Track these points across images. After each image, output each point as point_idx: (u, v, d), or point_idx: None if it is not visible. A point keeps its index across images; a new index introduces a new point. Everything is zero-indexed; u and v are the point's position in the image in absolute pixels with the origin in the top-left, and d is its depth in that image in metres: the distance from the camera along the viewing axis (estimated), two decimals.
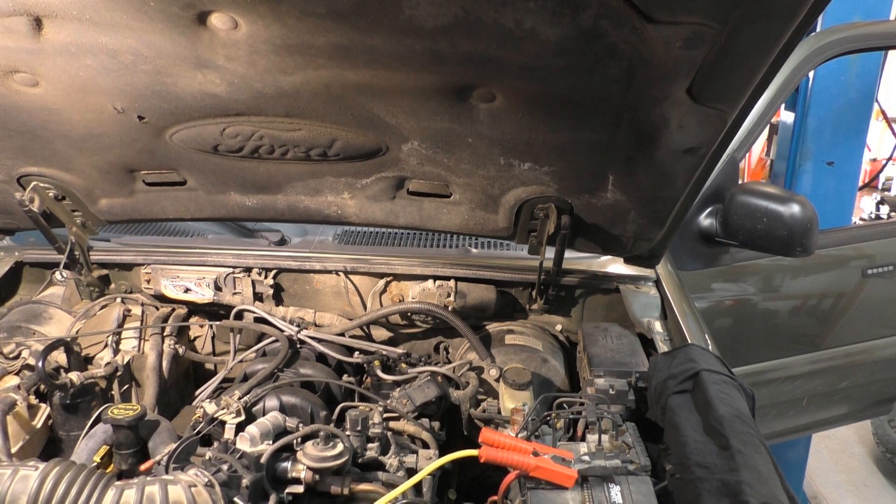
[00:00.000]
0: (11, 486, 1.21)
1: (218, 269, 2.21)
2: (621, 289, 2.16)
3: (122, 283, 2.28)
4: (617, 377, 1.79)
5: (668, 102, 1.31)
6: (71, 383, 1.75)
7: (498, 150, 1.59)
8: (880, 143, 6.92)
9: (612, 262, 2.20)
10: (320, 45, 1.23)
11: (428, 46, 1.20)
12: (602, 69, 1.23)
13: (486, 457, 1.36)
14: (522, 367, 1.89)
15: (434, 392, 1.76)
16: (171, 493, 1.25)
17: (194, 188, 1.90)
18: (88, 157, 1.75)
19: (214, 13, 1.16)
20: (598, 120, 1.42)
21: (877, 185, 6.54)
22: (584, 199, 1.76)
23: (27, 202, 1.87)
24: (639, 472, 1.44)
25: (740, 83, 1.24)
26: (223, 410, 1.62)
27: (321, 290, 2.26)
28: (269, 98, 1.43)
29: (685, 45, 1.13)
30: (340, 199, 1.90)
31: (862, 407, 3.39)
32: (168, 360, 2.07)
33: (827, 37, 2.60)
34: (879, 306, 3.10)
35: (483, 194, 1.81)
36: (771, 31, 1.11)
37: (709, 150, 1.46)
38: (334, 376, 1.95)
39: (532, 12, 1.09)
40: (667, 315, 2.09)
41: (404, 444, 1.68)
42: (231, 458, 1.39)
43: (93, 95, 1.46)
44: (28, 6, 1.19)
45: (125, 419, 1.49)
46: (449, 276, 2.16)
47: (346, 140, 1.60)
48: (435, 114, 1.46)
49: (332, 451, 1.47)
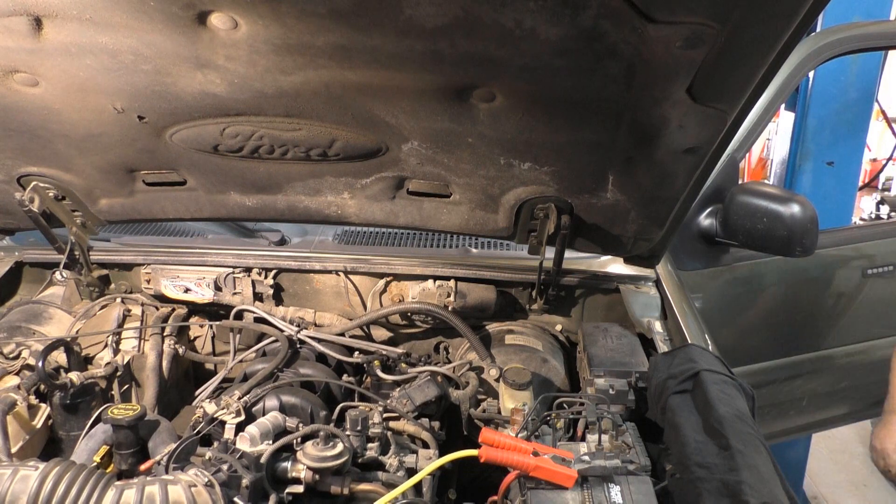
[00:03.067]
0: (11, 486, 1.21)
1: (218, 269, 2.21)
2: (621, 289, 2.16)
3: (122, 283, 2.28)
4: (617, 377, 1.79)
5: (668, 102, 1.31)
6: (71, 383, 1.75)
7: (498, 150, 1.59)
8: (880, 143, 6.92)
9: (612, 262, 2.20)
10: (320, 45, 1.23)
11: (428, 46, 1.20)
12: (602, 69, 1.23)
13: (486, 457, 1.36)
14: (522, 367, 1.89)
15: (434, 392, 1.76)
16: (171, 493, 1.25)
17: (194, 188, 1.90)
18: (88, 157, 1.75)
19: (214, 13, 1.16)
20: (598, 120, 1.42)
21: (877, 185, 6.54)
22: (583, 199, 1.76)
23: (27, 202, 1.87)
24: (639, 472, 1.44)
25: (740, 83, 1.24)
26: (223, 410, 1.63)
27: (321, 290, 2.26)
28: (269, 98, 1.43)
29: (685, 45, 1.13)
30: (340, 199, 1.90)
31: (862, 407, 3.39)
32: (168, 360, 2.07)
33: (827, 37, 2.60)
34: (879, 306, 3.10)
35: (483, 194, 1.81)
36: (771, 31, 1.11)
37: (709, 150, 1.46)
38: (334, 376, 1.95)
39: (532, 12, 1.09)
40: (667, 315, 2.09)
41: (404, 444, 1.68)
42: (231, 458, 1.38)
43: (93, 95, 1.46)
44: (28, 6, 1.19)
45: (125, 419, 1.49)
46: (449, 276, 2.16)
47: (346, 140, 1.60)
48: (435, 114, 1.46)
49: (332, 451, 1.47)
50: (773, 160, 3.94)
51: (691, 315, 2.08)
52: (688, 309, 2.11)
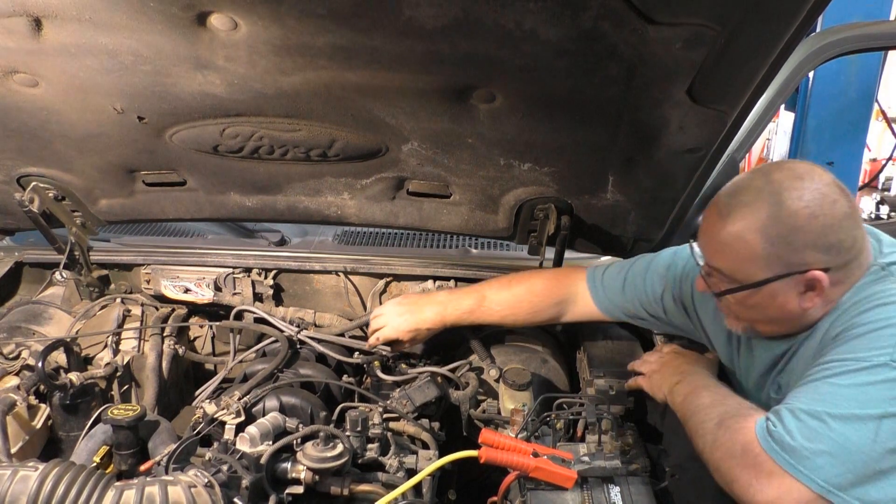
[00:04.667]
0: (11, 487, 1.20)
1: (218, 269, 2.21)
2: None
3: (122, 283, 2.28)
4: (617, 378, 1.79)
5: (669, 103, 1.31)
6: (71, 384, 1.75)
7: (498, 151, 1.59)
8: (880, 143, 6.90)
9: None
10: (320, 45, 1.23)
11: (428, 47, 1.20)
12: (602, 70, 1.23)
13: (486, 457, 1.36)
14: (522, 368, 1.89)
15: (434, 392, 1.76)
16: (171, 493, 1.25)
17: (194, 188, 1.90)
18: (88, 157, 1.75)
19: (214, 14, 1.16)
20: (598, 121, 1.42)
21: (877, 185, 6.53)
22: (583, 200, 1.76)
23: (27, 202, 1.87)
24: (639, 472, 1.45)
25: (740, 84, 1.24)
26: (223, 411, 1.62)
27: (321, 291, 2.26)
28: (268, 98, 1.43)
29: (685, 46, 1.13)
30: (340, 200, 1.90)
31: None
32: (168, 361, 2.06)
33: (827, 37, 2.59)
34: None
35: (483, 195, 1.81)
36: (771, 32, 1.11)
37: (709, 150, 1.46)
38: (334, 377, 1.95)
39: (532, 13, 1.09)
40: None
41: (404, 444, 1.68)
42: (231, 458, 1.38)
43: (93, 96, 1.46)
44: (28, 6, 1.19)
45: (125, 419, 1.49)
46: (449, 276, 2.16)
47: (346, 140, 1.60)
48: (435, 114, 1.46)
49: (331, 451, 1.47)
50: (773, 160, 3.94)
51: None
52: None
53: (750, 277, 1.29)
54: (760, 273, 1.27)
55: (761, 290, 1.29)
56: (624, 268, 1.75)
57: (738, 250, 1.28)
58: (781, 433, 1.16)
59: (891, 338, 1.17)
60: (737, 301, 1.35)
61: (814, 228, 1.23)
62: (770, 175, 1.29)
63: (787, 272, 1.25)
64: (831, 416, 1.14)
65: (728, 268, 1.32)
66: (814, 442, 1.13)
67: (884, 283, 1.26)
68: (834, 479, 1.12)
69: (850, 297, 1.28)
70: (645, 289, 1.69)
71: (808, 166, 1.30)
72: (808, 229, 1.23)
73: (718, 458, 1.24)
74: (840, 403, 1.14)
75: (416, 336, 1.86)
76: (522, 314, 1.83)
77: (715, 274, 1.36)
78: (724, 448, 1.23)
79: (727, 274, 1.33)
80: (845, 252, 1.25)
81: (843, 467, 1.11)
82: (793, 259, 1.25)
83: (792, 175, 1.27)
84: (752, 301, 1.32)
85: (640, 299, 1.71)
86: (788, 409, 1.19)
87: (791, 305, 1.29)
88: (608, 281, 1.76)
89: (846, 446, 1.12)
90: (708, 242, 1.36)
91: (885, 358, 1.15)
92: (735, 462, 1.20)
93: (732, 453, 1.21)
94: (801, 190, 1.24)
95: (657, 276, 1.68)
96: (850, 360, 1.18)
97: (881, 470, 1.12)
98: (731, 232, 1.28)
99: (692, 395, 1.40)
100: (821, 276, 1.24)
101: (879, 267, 1.29)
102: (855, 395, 1.14)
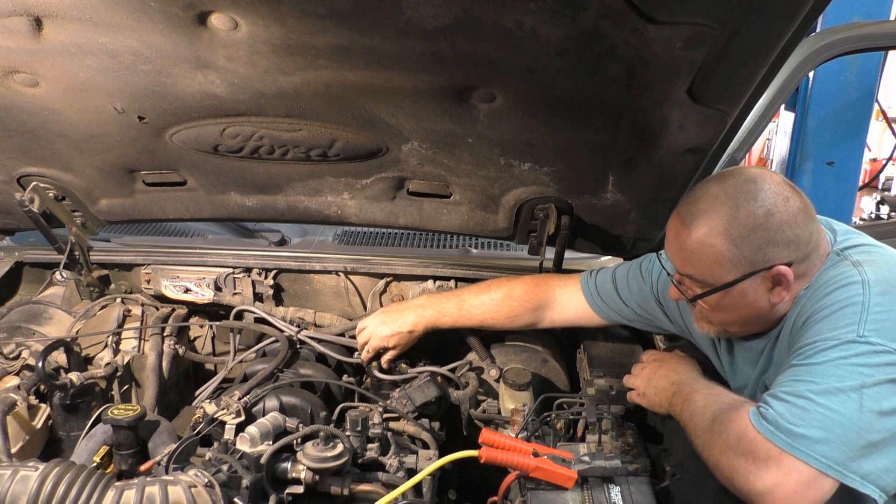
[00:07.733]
0: (11, 487, 1.20)
1: (218, 269, 2.21)
2: None
3: (122, 283, 2.28)
4: (617, 378, 1.78)
5: (669, 103, 1.31)
6: (71, 383, 1.75)
7: (498, 151, 1.59)
8: (880, 143, 6.91)
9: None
10: (320, 45, 1.23)
11: (428, 47, 1.20)
12: (602, 70, 1.23)
13: (486, 457, 1.36)
14: (522, 368, 1.89)
15: (434, 392, 1.76)
16: (171, 493, 1.25)
17: (194, 188, 1.90)
18: (88, 157, 1.75)
19: (214, 13, 1.16)
20: (599, 121, 1.42)
21: (877, 185, 6.53)
22: (584, 200, 1.76)
23: (27, 202, 1.87)
24: (639, 472, 1.44)
25: (740, 83, 1.24)
26: (223, 411, 1.62)
27: (321, 291, 2.26)
28: (269, 98, 1.43)
29: (685, 45, 1.13)
30: (340, 200, 1.90)
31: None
32: (168, 361, 2.06)
33: (827, 37, 2.59)
34: None
35: (483, 195, 1.81)
36: (771, 31, 1.11)
37: (709, 150, 1.46)
38: (334, 376, 1.95)
39: (532, 13, 1.09)
40: None
41: (404, 444, 1.68)
42: (231, 458, 1.38)
43: (93, 95, 1.46)
44: (28, 6, 1.19)
45: (125, 419, 1.49)
46: (449, 276, 2.16)
47: (346, 140, 1.60)
48: (435, 114, 1.46)
49: (331, 451, 1.47)
50: (773, 160, 3.95)
51: None
52: None
53: (720, 280, 1.34)
54: (729, 274, 1.33)
55: (732, 291, 1.34)
56: (615, 273, 1.80)
57: (705, 255, 1.33)
58: (773, 415, 1.18)
59: (853, 315, 1.21)
60: (710, 305, 1.40)
61: (771, 226, 1.29)
62: (724, 181, 1.35)
63: (754, 270, 1.31)
64: (814, 392, 1.17)
65: (698, 273, 1.37)
66: (805, 419, 1.15)
67: (839, 267, 1.32)
68: (831, 453, 1.13)
69: (811, 284, 1.33)
70: (631, 292, 1.75)
71: (758, 170, 1.38)
72: (766, 227, 1.29)
73: (717, 452, 1.25)
74: (820, 380, 1.18)
75: (399, 341, 1.88)
76: (501, 318, 1.88)
77: (686, 281, 1.42)
78: (720, 440, 1.25)
79: (698, 279, 1.38)
80: (804, 245, 1.31)
81: (838, 441, 1.13)
82: (756, 257, 1.30)
83: (745, 179, 1.34)
84: (724, 302, 1.38)
85: (636, 303, 1.75)
86: (772, 396, 1.22)
87: (761, 302, 1.35)
88: (601, 285, 1.81)
89: (836, 419, 1.14)
90: (675, 252, 1.41)
91: (851, 335, 1.19)
92: (732, 452, 1.22)
93: (728, 444, 1.23)
94: (754, 192, 1.31)
95: (641, 281, 1.73)
96: (818, 341, 1.22)
97: (873, 442, 1.13)
98: (696, 239, 1.34)
99: (687, 402, 1.43)
100: (785, 271, 1.30)
101: (835, 253, 1.36)
102: (832, 370, 1.17)
